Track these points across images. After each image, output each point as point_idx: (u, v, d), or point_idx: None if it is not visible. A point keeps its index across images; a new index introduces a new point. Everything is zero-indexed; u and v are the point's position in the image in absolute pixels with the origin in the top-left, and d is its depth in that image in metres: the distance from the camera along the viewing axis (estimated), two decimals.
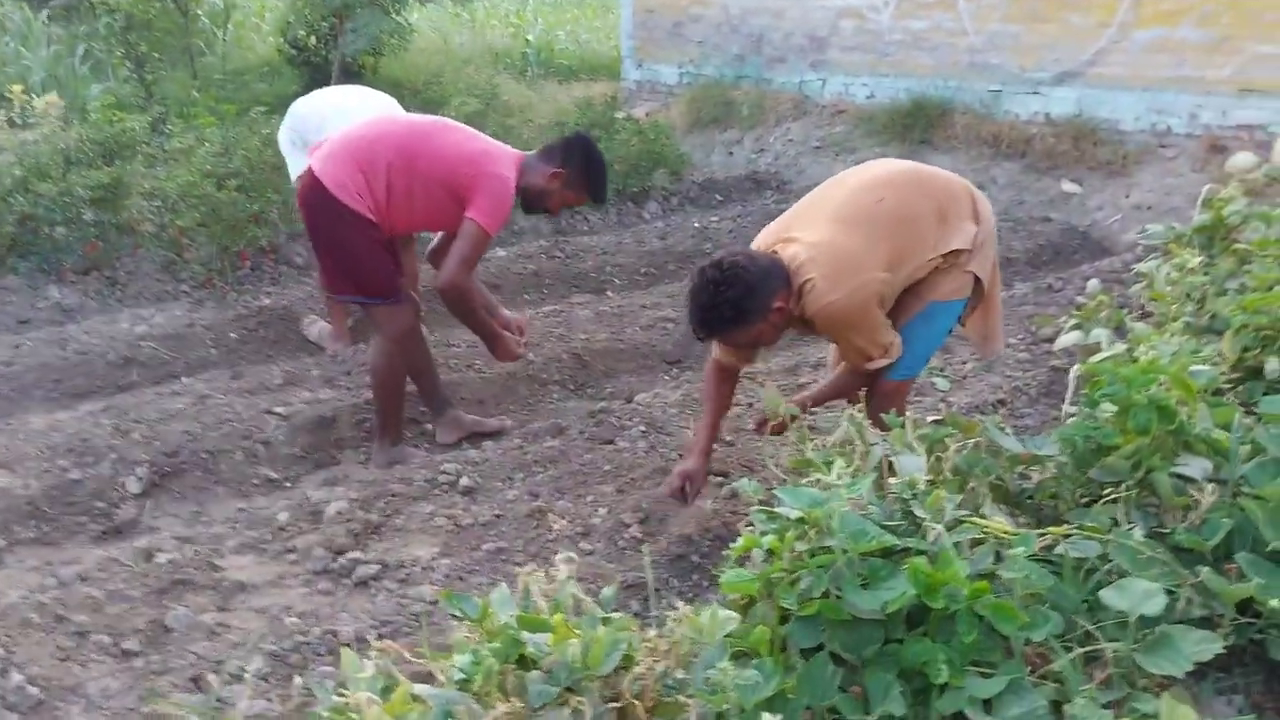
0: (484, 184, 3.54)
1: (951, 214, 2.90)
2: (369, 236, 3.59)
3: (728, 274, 2.67)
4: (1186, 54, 7.00)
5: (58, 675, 2.41)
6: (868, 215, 2.85)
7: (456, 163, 3.57)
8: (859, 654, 1.80)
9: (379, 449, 3.87)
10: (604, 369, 4.75)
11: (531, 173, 3.71)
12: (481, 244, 3.61)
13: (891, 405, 2.83)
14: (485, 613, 1.60)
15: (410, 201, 3.60)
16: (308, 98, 4.95)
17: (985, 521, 1.92)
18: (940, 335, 3.04)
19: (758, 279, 2.68)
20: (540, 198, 3.76)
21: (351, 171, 3.54)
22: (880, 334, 2.83)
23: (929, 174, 3.02)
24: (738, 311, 2.69)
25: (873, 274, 2.76)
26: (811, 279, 2.74)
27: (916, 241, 2.84)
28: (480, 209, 3.53)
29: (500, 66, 12.87)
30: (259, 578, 2.89)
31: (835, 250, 2.76)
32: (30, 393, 4.36)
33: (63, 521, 3.37)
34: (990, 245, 2.97)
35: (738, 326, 2.73)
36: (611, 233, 7.03)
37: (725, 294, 2.67)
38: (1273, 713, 1.92)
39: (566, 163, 3.71)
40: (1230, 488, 2.09)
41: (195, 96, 10.35)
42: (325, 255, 3.72)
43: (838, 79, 9.03)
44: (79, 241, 5.55)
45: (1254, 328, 2.88)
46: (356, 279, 3.69)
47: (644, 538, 3.07)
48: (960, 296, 2.96)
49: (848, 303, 2.74)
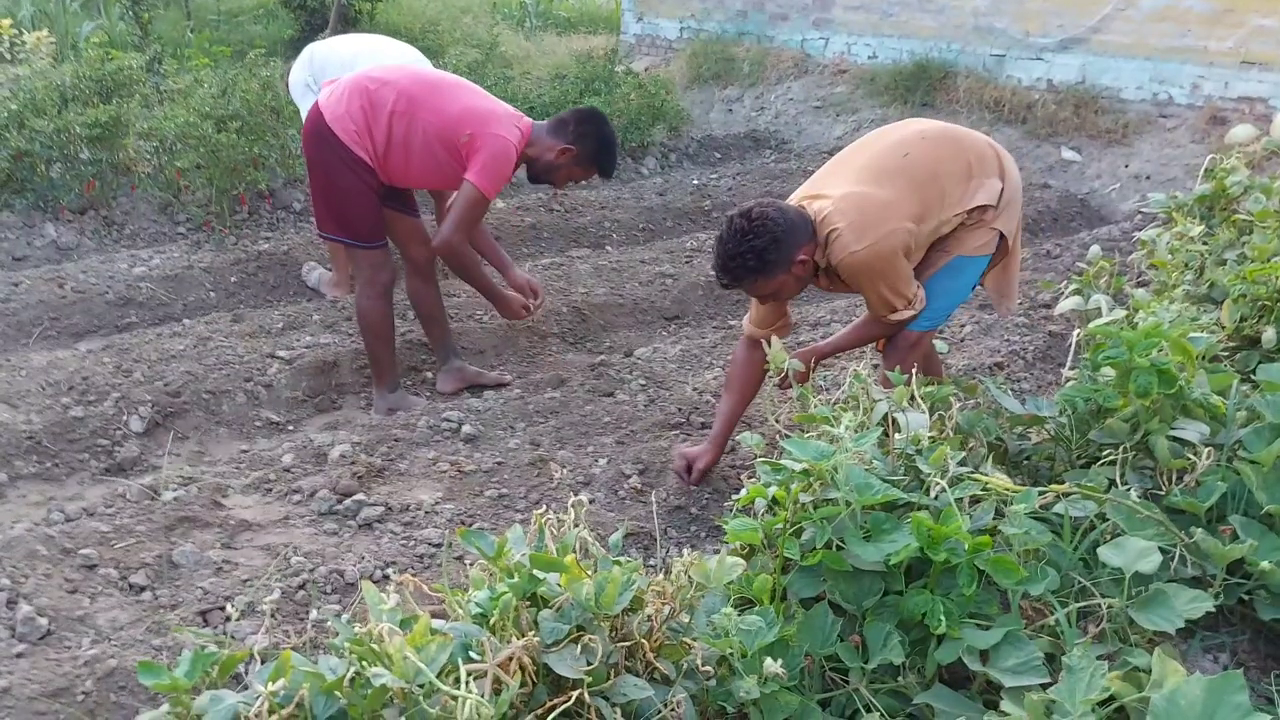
0: (484, 145, 3.51)
1: (977, 171, 2.94)
2: (361, 179, 3.56)
3: (755, 224, 2.72)
4: (1190, 24, 6.99)
5: (66, 606, 2.44)
6: (894, 170, 2.89)
7: (459, 120, 3.53)
8: (859, 604, 1.84)
9: (378, 395, 3.89)
10: (603, 323, 4.77)
11: (541, 145, 3.68)
12: (479, 206, 3.59)
13: (910, 357, 2.94)
14: (501, 551, 1.63)
15: (407, 152, 3.56)
16: (327, 41, 4.87)
17: (988, 478, 1.97)
18: (965, 290, 3.09)
19: (784, 230, 2.74)
20: (548, 171, 3.73)
21: (355, 111, 3.51)
22: (905, 285, 2.88)
23: (956, 133, 3.07)
24: (762, 261, 2.74)
25: (899, 224, 2.81)
26: (838, 229, 2.79)
27: (942, 196, 2.89)
28: (479, 171, 3.51)
29: (498, 17, 12.74)
30: (264, 517, 2.92)
31: (861, 202, 2.81)
32: (29, 330, 4.35)
33: (65, 458, 3.38)
34: (1016, 203, 3.02)
35: (761, 275, 2.78)
36: (610, 188, 7.01)
37: (751, 243, 2.72)
38: (1258, 671, 1.98)
39: (578, 140, 3.67)
40: (1226, 452, 2.14)
41: (189, 37, 10.21)
42: (316, 190, 3.70)
43: (840, 38, 8.98)
44: (75, 180, 5.50)
45: (1252, 297, 2.93)
46: (341, 218, 3.66)
47: (644, 488, 3.11)
48: (986, 252, 3.00)
49: (873, 252, 2.78)
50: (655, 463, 3.24)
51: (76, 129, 5.53)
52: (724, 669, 1.68)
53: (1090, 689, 1.49)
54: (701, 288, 5.17)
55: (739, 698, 1.61)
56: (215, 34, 10.67)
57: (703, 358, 4.21)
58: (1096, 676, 1.51)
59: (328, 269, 5.03)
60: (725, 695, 1.64)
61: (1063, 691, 1.51)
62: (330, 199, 3.64)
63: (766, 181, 7.19)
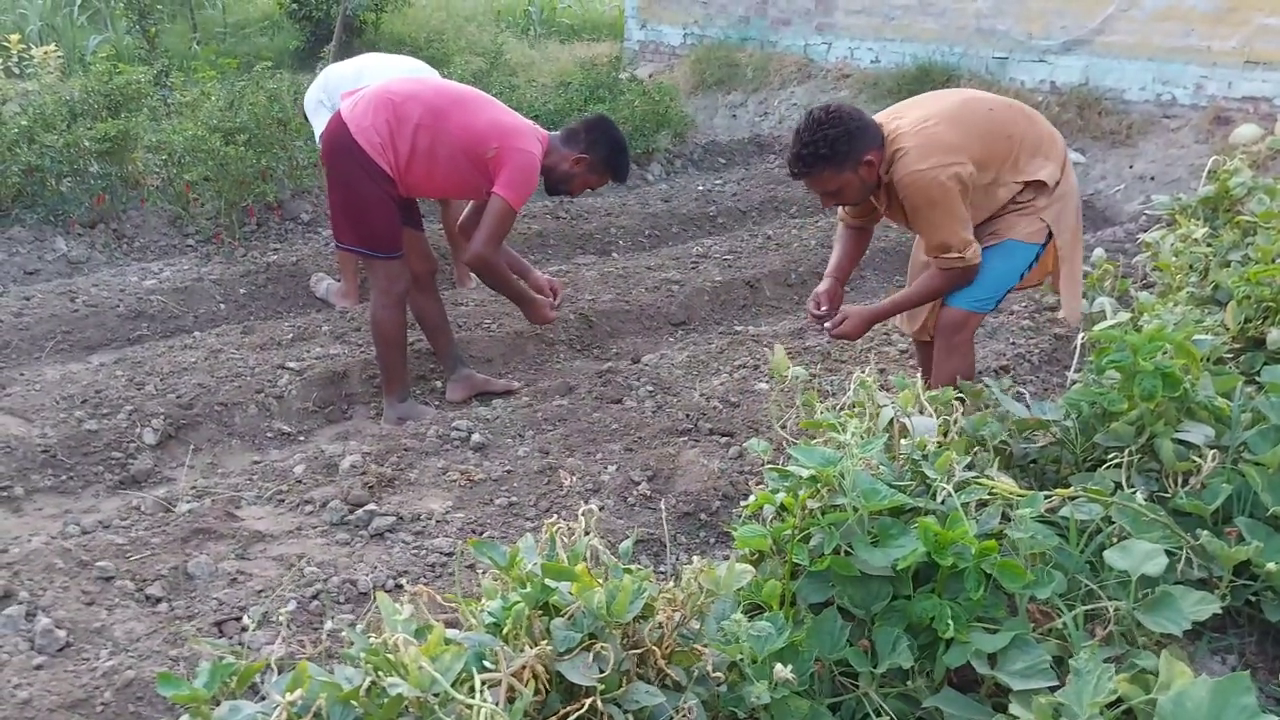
0: (511, 159, 3.58)
1: (1044, 151, 3.10)
2: (381, 190, 3.61)
3: (833, 115, 2.92)
4: (1194, 24, 6.99)
5: (84, 618, 2.47)
6: (974, 118, 3.06)
7: (485, 134, 3.59)
8: (868, 609, 1.86)
9: (388, 405, 3.92)
10: (610, 330, 4.79)
11: (556, 156, 3.75)
12: (508, 219, 3.65)
13: (960, 338, 3.15)
14: (514, 560, 1.65)
15: (431, 164, 3.62)
16: (344, 62, 4.93)
17: (994, 482, 1.98)
18: (1014, 274, 3.19)
19: (858, 127, 2.93)
20: (565, 180, 3.80)
21: (378, 123, 3.57)
22: (959, 226, 3.00)
23: (1038, 115, 3.23)
24: (833, 152, 2.90)
25: (963, 159, 2.95)
26: (904, 148, 2.96)
27: (1006, 155, 3.05)
28: (506, 184, 3.58)
29: (502, 25, 12.79)
30: (277, 528, 2.95)
31: (931, 131, 2.98)
32: (41, 344, 4.39)
33: (80, 471, 3.42)
34: (1069, 204, 3.16)
35: (829, 167, 2.94)
36: (615, 194, 7.04)
37: (825, 132, 2.89)
38: (1266, 673, 2.00)
39: (591, 149, 3.75)
40: (1231, 454, 2.15)
41: (196, 50, 10.28)
42: (336, 200, 3.74)
43: (843, 42, 9.00)
44: (85, 194, 5.55)
45: (1256, 299, 2.94)
46: (360, 229, 3.71)
47: (652, 495, 3.13)
48: (1036, 241, 3.12)
49: (931, 177, 2.92)
50: (664, 469, 3.26)
51: (86, 143, 5.58)
52: (735, 675, 1.69)
53: (1098, 691, 1.51)
54: (708, 293, 5.19)
55: (750, 703, 1.62)
56: (222, 46, 10.74)
57: (710, 363, 4.23)
58: (1104, 679, 1.52)
59: (336, 279, 5.06)
60: (736, 701, 1.66)
61: (1070, 694, 1.53)
62: (350, 210, 3.69)
63: (771, 186, 7.22)
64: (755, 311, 5.21)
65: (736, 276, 5.38)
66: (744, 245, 5.89)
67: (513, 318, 4.64)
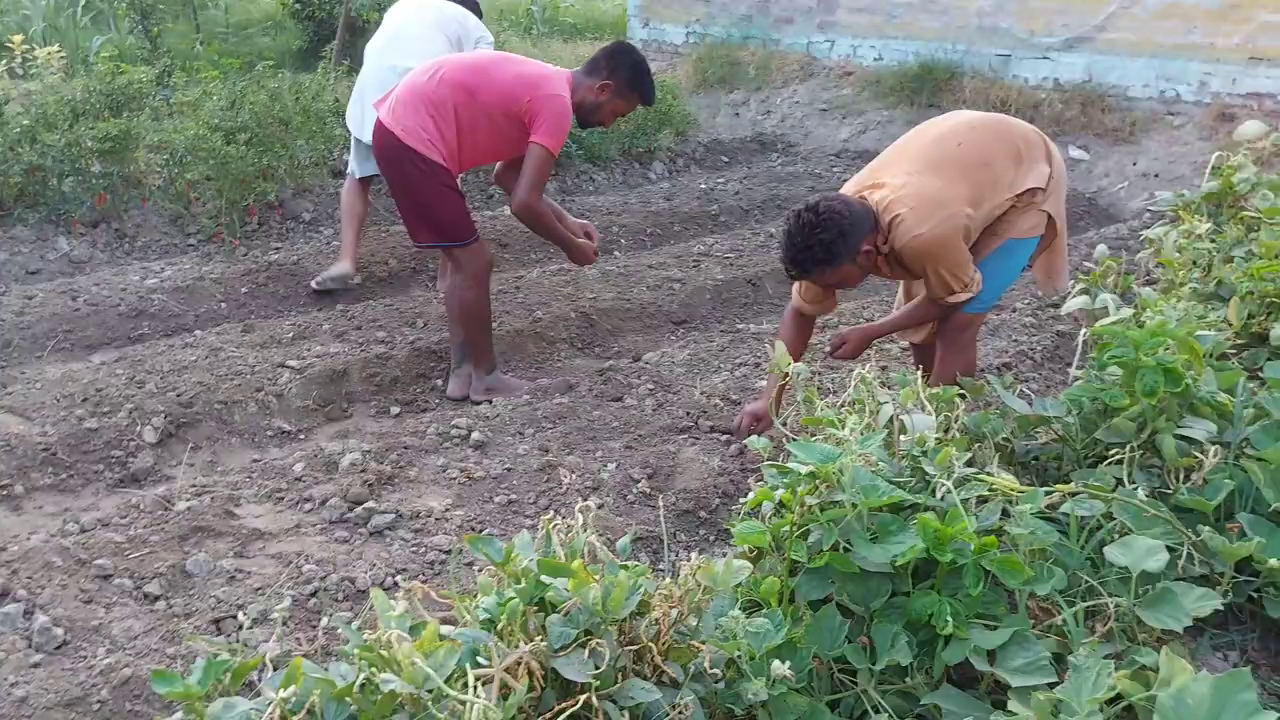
0: (543, 105, 3.70)
1: (1026, 157, 3.10)
2: (441, 181, 3.74)
3: (822, 218, 2.89)
4: (1196, 20, 6.97)
5: (82, 616, 2.46)
6: (948, 158, 3.06)
7: (516, 91, 3.72)
8: (867, 606, 1.85)
9: (476, 378, 4.02)
10: (610, 328, 4.78)
11: (582, 89, 3.87)
12: (547, 164, 3.77)
13: (964, 337, 3.21)
14: (509, 556, 1.64)
15: (476, 135, 3.77)
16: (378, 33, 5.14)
17: (994, 479, 1.97)
18: (1015, 271, 3.24)
19: (850, 223, 2.90)
20: (594, 111, 3.92)
21: (421, 118, 3.70)
22: (963, 268, 3.02)
23: (1004, 121, 3.24)
24: (829, 253, 2.90)
25: (958, 208, 2.96)
26: (900, 215, 2.94)
27: (993, 182, 3.05)
28: (542, 131, 3.70)
29: (505, 24, 12.77)
30: (276, 526, 2.94)
31: (921, 189, 2.97)
32: (43, 342, 4.39)
33: (80, 469, 3.41)
34: (1061, 187, 3.17)
35: (828, 266, 2.95)
36: (617, 193, 7.02)
37: (818, 236, 2.88)
38: (1268, 669, 1.98)
39: (613, 74, 3.87)
40: (1233, 450, 2.14)
41: (198, 50, 10.28)
42: (402, 204, 3.89)
43: (845, 41, 8.98)
44: (87, 193, 5.55)
45: (1260, 295, 2.92)
46: (433, 226, 3.86)
47: (652, 492, 3.12)
48: (1036, 234, 3.15)
49: (935, 235, 2.93)
50: (664, 467, 3.25)
51: (88, 143, 5.57)
52: (732, 671, 1.69)
53: (1097, 688, 1.50)
54: (709, 292, 5.18)
55: (747, 700, 1.61)
56: (224, 46, 10.73)
57: (710, 362, 4.22)
58: (1103, 675, 1.51)
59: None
60: (734, 698, 1.65)
61: (1069, 691, 1.52)
62: (418, 210, 3.84)
63: (773, 185, 7.20)
64: (757, 310, 5.20)
65: (738, 275, 5.37)
66: (746, 243, 5.88)
67: (512, 315, 4.64)
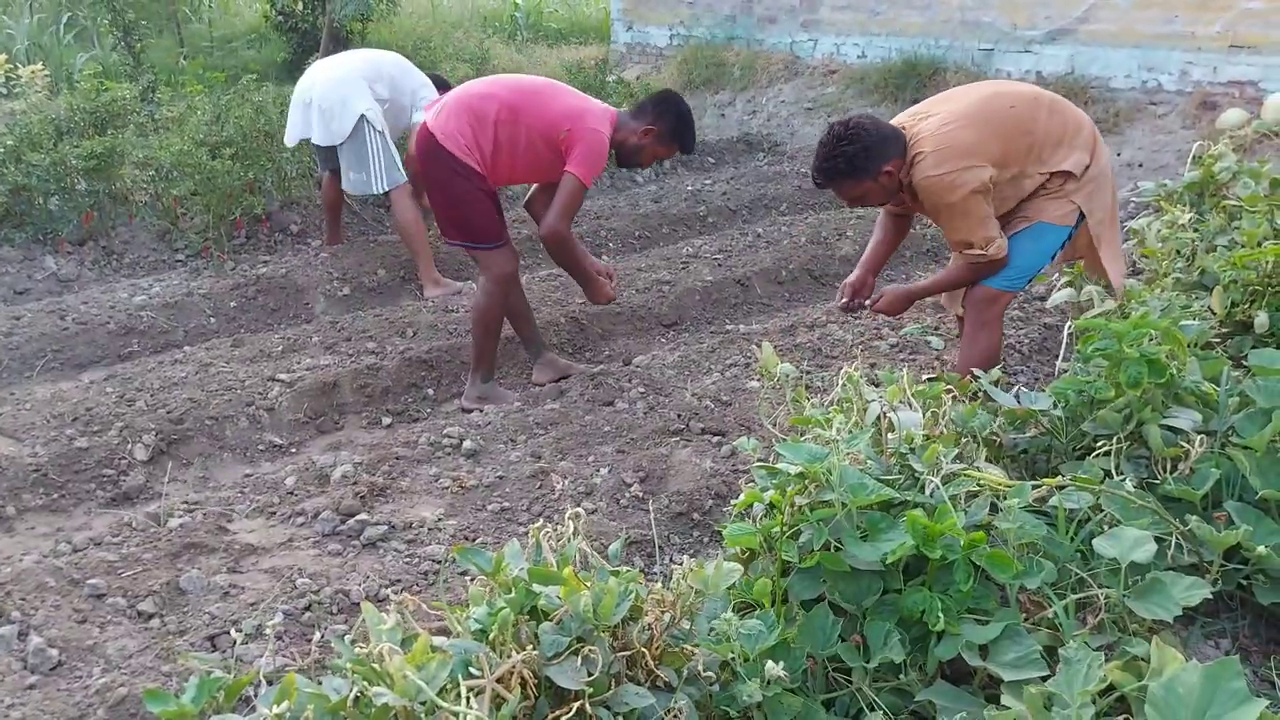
0: (581, 138, 3.80)
1: (1068, 142, 3.19)
2: (476, 186, 3.84)
3: (851, 132, 3.09)
4: (1177, 10, 7.00)
5: (76, 636, 2.46)
6: (996, 117, 3.16)
7: (558, 119, 3.82)
8: (859, 604, 1.86)
9: (471, 384, 4.11)
10: (601, 332, 4.79)
11: (626, 130, 3.96)
12: (579, 195, 3.84)
13: (989, 313, 3.31)
14: (499, 566, 1.65)
15: (513, 153, 3.87)
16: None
17: (981, 474, 1.98)
18: (1045, 256, 3.31)
19: (874, 142, 3.08)
20: (635, 153, 4.01)
21: (461, 126, 3.81)
22: (979, 225, 3.12)
23: (1062, 103, 3.31)
24: (850, 166, 3.09)
25: (978, 164, 3.06)
26: (923, 152, 3.11)
27: (1027, 151, 3.15)
28: (578, 162, 3.79)
29: (489, 30, 12.77)
30: (269, 540, 2.94)
31: (951, 134, 3.10)
32: (32, 363, 4.38)
33: (71, 489, 3.40)
34: (1103, 186, 3.26)
35: (849, 179, 3.12)
36: (605, 196, 7.03)
37: (843, 149, 3.08)
38: (1259, 655, 1.99)
39: (658, 120, 3.96)
40: (1219, 438, 2.15)
41: (183, 64, 10.27)
42: (437, 204, 3.96)
43: (829, 39, 9.00)
44: (74, 212, 5.55)
45: (1243, 283, 2.94)
46: (464, 227, 3.93)
47: (645, 496, 3.13)
48: (1066, 223, 3.24)
49: (946, 182, 3.07)
50: (656, 470, 3.25)
51: (73, 161, 5.58)
52: (727, 674, 1.69)
53: (1088, 680, 1.50)
54: (699, 293, 5.19)
55: (742, 702, 1.62)
56: (208, 60, 10.72)
57: (701, 363, 4.22)
58: (1094, 667, 1.52)
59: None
60: (729, 700, 1.65)
61: (1061, 683, 1.52)
62: (450, 209, 3.93)
63: (761, 184, 7.21)
64: (746, 310, 5.21)
65: (727, 275, 5.38)
66: (734, 244, 5.89)
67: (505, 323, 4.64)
